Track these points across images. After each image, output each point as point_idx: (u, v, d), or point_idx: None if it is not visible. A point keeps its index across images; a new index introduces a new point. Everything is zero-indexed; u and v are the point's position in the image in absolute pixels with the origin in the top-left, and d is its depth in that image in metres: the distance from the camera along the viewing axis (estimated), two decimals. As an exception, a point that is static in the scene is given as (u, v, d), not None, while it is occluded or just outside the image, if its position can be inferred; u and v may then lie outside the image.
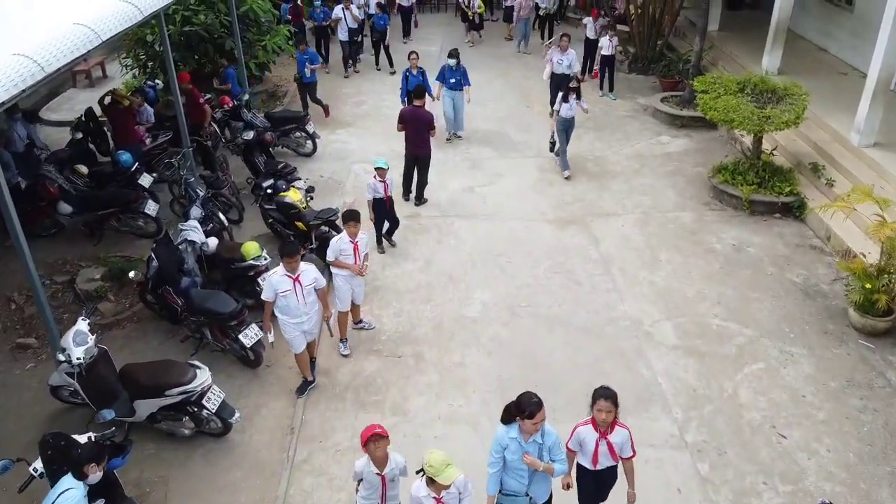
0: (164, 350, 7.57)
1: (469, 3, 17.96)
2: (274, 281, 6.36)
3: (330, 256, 7.15)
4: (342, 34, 15.91)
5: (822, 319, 8.02)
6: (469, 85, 12.32)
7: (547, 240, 9.65)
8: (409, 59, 12.26)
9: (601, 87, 14.91)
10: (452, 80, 12.16)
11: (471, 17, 18.10)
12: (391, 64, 16.43)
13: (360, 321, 7.79)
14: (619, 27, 17.70)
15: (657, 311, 8.14)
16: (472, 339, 7.71)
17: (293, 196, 8.64)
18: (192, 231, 7.85)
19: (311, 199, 9.63)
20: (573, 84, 11.12)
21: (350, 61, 16.36)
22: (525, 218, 10.23)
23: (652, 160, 11.99)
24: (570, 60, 12.73)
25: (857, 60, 13.53)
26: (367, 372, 7.27)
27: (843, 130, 10.94)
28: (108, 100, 10.61)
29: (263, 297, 6.45)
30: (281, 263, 6.44)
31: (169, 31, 12.75)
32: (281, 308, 6.46)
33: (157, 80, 12.73)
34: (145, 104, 11.69)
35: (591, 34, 15.28)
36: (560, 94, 11.04)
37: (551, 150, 11.70)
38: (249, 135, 10.23)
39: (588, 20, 15.58)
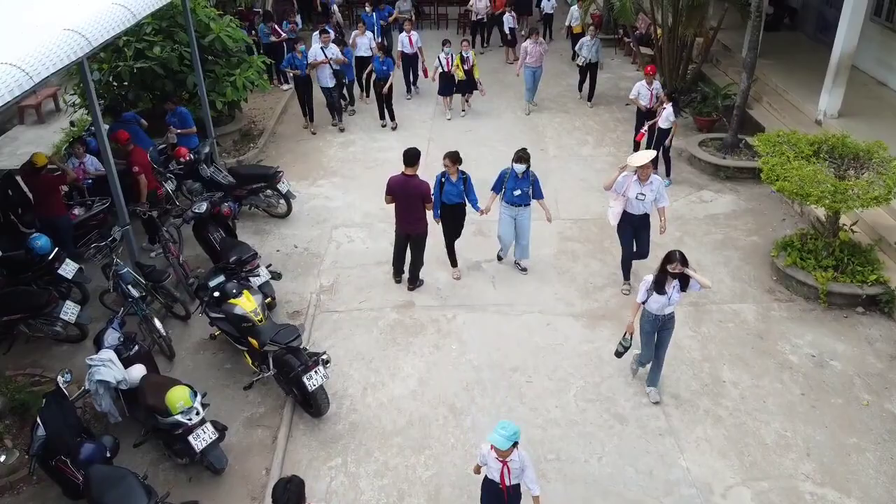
0: (62, 536, 5.57)
1: (449, 62, 13.13)
2: None
3: None
4: (324, 79, 12.67)
5: (948, 481, 6.00)
6: (542, 198, 8.42)
7: (575, 345, 7.63)
8: (443, 162, 8.14)
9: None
10: (517, 193, 8.22)
11: (461, 78, 13.25)
12: (392, 118, 13.36)
13: None
14: (642, 50, 15.83)
15: (729, 469, 6.10)
16: (482, 521, 5.68)
17: (245, 305, 6.61)
18: (105, 367, 5.85)
19: (273, 302, 7.64)
20: (675, 266, 6.11)
21: (335, 112, 13.25)
22: (546, 309, 8.20)
23: (695, 225, 9.96)
24: (655, 192, 7.77)
25: (927, 100, 11.56)
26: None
27: (933, 197, 8.91)
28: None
29: None
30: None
31: (118, 66, 10.83)
32: None
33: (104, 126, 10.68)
34: (88, 155, 9.70)
35: (644, 101, 11.24)
36: (649, 280, 6.34)
37: (618, 356, 6.92)
38: (202, 207, 8.20)
39: (640, 86, 11.32)
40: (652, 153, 8.02)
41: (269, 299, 7.16)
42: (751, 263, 9.04)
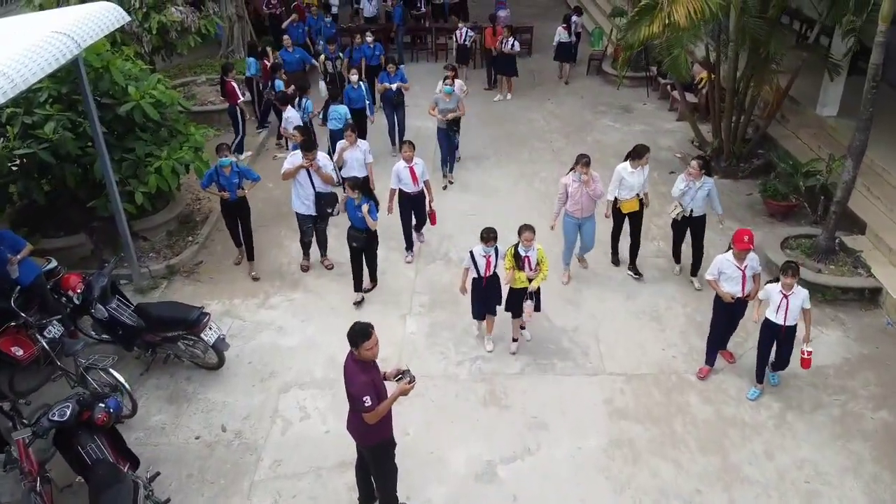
0: None
1: (490, 264, 7.12)
2: None
3: None
4: (300, 203, 8.47)
5: None
6: None
7: None
8: None
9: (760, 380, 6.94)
10: None
11: (521, 286, 7.23)
12: (369, 278, 8.53)
13: None
14: (687, 96, 12.79)
15: None
16: None
17: None
18: None
19: None
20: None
21: (307, 250, 9.02)
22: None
23: (796, 390, 6.96)
24: None
25: None
26: None
27: None
28: None
29: None
30: None
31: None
32: None
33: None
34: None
35: (733, 288, 6.75)
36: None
37: None
38: (64, 412, 5.22)
39: (724, 262, 6.72)
40: None
41: None
42: (890, 468, 6.10)
